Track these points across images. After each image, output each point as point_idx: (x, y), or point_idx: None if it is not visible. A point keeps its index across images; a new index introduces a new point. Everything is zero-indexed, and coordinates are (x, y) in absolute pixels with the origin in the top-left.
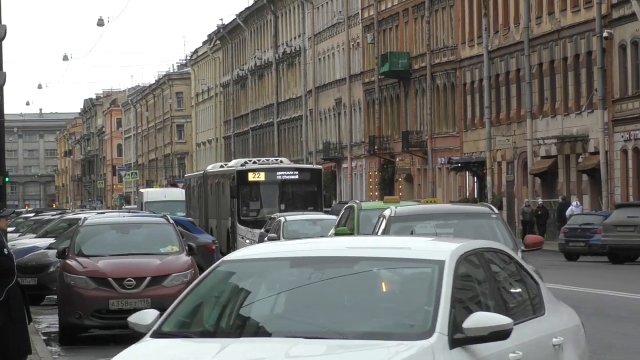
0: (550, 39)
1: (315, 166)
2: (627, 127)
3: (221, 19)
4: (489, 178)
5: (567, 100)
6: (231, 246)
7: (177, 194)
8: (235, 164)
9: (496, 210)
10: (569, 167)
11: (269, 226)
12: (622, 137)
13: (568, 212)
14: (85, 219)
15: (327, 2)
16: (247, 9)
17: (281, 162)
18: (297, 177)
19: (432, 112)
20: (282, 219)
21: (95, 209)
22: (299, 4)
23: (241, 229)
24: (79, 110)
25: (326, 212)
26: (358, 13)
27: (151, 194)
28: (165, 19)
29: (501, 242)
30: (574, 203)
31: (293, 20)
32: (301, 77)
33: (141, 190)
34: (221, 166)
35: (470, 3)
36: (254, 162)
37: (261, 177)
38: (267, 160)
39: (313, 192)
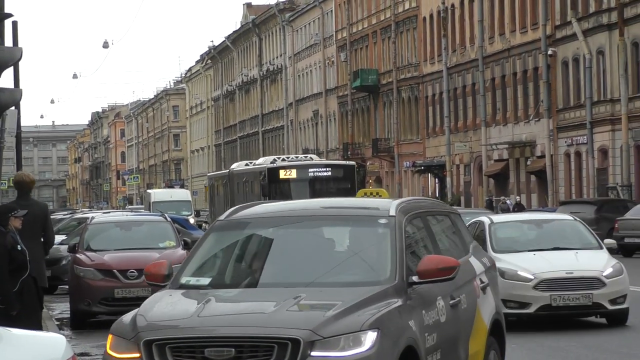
0: (501, 56)
1: (347, 162)
2: (570, 133)
3: (212, 41)
4: (448, 179)
5: (516, 110)
6: None
7: (183, 194)
8: (263, 161)
9: (393, 212)
10: (518, 169)
11: None
12: (566, 142)
13: (505, 208)
14: (92, 218)
15: (305, 25)
16: (234, 31)
17: (311, 158)
18: (329, 173)
19: (398, 122)
20: (486, 220)
21: (101, 209)
22: (280, 27)
23: None
24: (87, 122)
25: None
26: (332, 35)
27: (158, 194)
28: (163, 41)
29: (372, 269)
30: (508, 201)
31: (275, 42)
32: (283, 92)
33: (148, 191)
34: (246, 164)
35: (431, 25)
36: (283, 160)
37: (293, 174)
38: (297, 157)
39: (346, 189)
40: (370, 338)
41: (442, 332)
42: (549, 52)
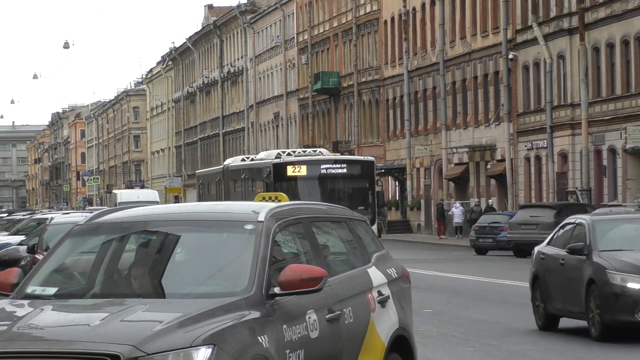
0: (462, 60)
1: (366, 157)
2: (530, 137)
3: (173, 42)
4: (409, 182)
5: (477, 114)
6: None
7: (150, 195)
8: (266, 156)
9: (262, 217)
10: (479, 173)
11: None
12: (526, 146)
13: (450, 213)
14: (52, 218)
15: (266, 28)
16: (196, 33)
17: (320, 153)
18: (344, 170)
19: (359, 124)
20: None
21: (61, 210)
22: (241, 29)
23: None
24: (47, 123)
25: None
26: (294, 37)
27: (125, 195)
28: (123, 42)
29: (225, 283)
30: (455, 205)
31: (236, 44)
32: (243, 94)
33: (115, 191)
34: (243, 160)
35: (392, 29)
36: (289, 154)
37: (302, 170)
38: (304, 151)
39: (364, 188)
40: (202, 355)
41: (312, 349)
42: (510, 56)
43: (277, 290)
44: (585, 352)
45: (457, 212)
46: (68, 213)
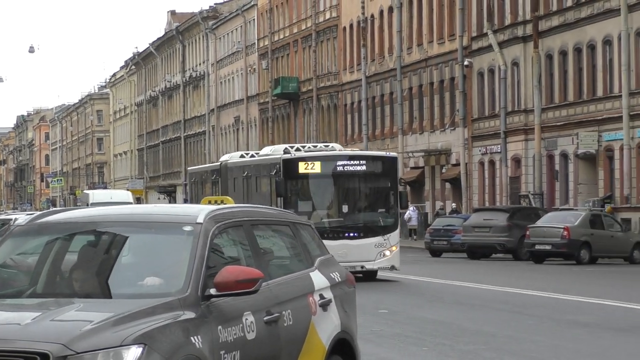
0: (419, 66)
1: (387, 153)
2: (484, 142)
3: (136, 47)
4: None
5: (433, 119)
6: None
7: (124, 195)
8: (272, 151)
9: (201, 219)
10: (434, 177)
11: None
12: (480, 151)
13: (406, 216)
14: (16, 219)
15: (228, 33)
16: (158, 38)
17: (333, 148)
18: (364, 167)
19: (317, 129)
20: None
21: (25, 211)
22: (203, 34)
23: None
24: (12, 125)
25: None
26: (254, 43)
27: (97, 195)
28: (88, 47)
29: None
30: (410, 208)
31: (198, 49)
32: (205, 98)
33: (86, 191)
34: (242, 156)
35: (350, 35)
36: (298, 150)
37: (316, 167)
38: (315, 146)
39: (385, 188)
40: (133, 354)
41: (249, 350)
42: (465, 63)
43: (213, 291)
44: (535, 352)
45: (414, 215)
46: (32, 214)
